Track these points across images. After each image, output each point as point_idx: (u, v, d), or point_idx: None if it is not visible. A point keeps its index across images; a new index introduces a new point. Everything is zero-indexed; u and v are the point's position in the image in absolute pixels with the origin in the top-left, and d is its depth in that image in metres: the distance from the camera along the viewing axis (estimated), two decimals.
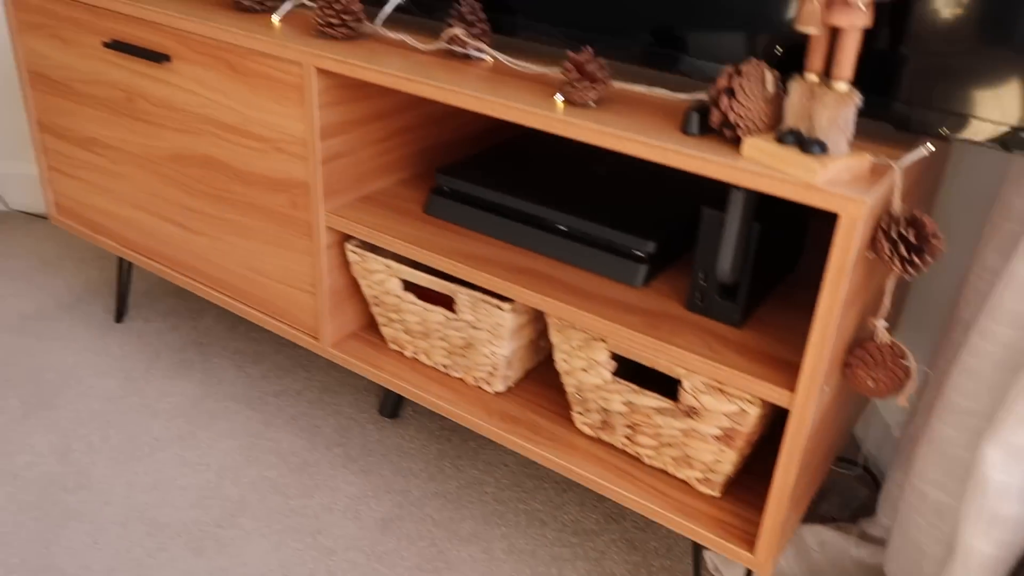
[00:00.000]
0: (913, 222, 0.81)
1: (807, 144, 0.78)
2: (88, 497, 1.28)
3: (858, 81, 0.85)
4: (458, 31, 1.03)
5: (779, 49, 0.92)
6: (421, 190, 1.26)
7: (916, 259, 0.81)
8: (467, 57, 1.06)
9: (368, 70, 1.01)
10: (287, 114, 1.12)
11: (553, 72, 1.00)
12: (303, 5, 1.21)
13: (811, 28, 0.73)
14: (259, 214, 1.23)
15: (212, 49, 1.16)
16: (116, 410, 1.46)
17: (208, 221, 1.31)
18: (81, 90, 1.38)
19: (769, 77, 0.82)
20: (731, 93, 0.82)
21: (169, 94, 1.25)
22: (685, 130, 0.87)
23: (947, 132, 0.86)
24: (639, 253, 1.05)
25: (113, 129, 1.37)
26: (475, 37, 1.04)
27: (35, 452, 1.36)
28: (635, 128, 0.88)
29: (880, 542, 1.23)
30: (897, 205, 0.83)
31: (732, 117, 0.82)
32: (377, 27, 1.12)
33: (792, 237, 1.07)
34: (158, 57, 1.22)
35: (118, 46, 1.26)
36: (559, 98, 0.93)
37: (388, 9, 1.13)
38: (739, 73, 0.82)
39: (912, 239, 0.80)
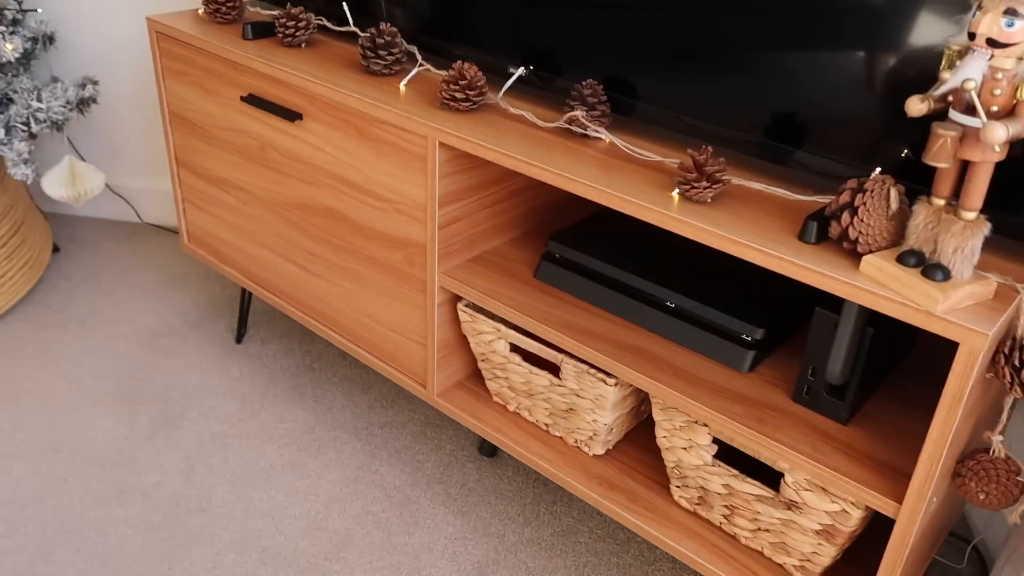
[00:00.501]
0: None
1: (930, 270, 0.78)
2: (209, 521, 1.37)
3: (987, 195, 0.83)
4: (578, 113, 1.05)
5: (906, 153, 0.91)
6: (532, 250, 1.29)
7: None
8: (585, 136, 1.08)
9: (490, 150, 1.05)
10: (409, 180, 1.16)
11: (670, 162, 1.01)
12: (428, 69, 1.25)
13: (943, 163, 0.72)
14: (376, 267, 1.29)
15: (341, 113, 1.21)
16: (235, 433, 1.55)
17: (328, 266, 1.38)
18: (217, 135, 1.47)
19: (893, 194, 0.82)
20: (853, 210, 0.82)
21: (298, 148, 1.31)
22: (802, 238, 0.87)
23: None
24: (747, 339, 1.05)
25: (244, 173, 1.45)
26: (594, 119, 1.06)
27: (163, 472, 1.46)
28: (752, 231, 0.88)
29: None
30: (1021, 330, 0.81)
31: (852, 234, 0.82)
32: (498, 99, 1.15)
33: (905, 332, 1.05)
34: (290, 115, 1.28)
35: (254, 100, 1.34)
36: (675, 194, 0.94)
37: (509, 83, 1.16)
38: (863, 190, 0.82)
39: None
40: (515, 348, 1.22)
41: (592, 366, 1.12)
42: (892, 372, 1.07)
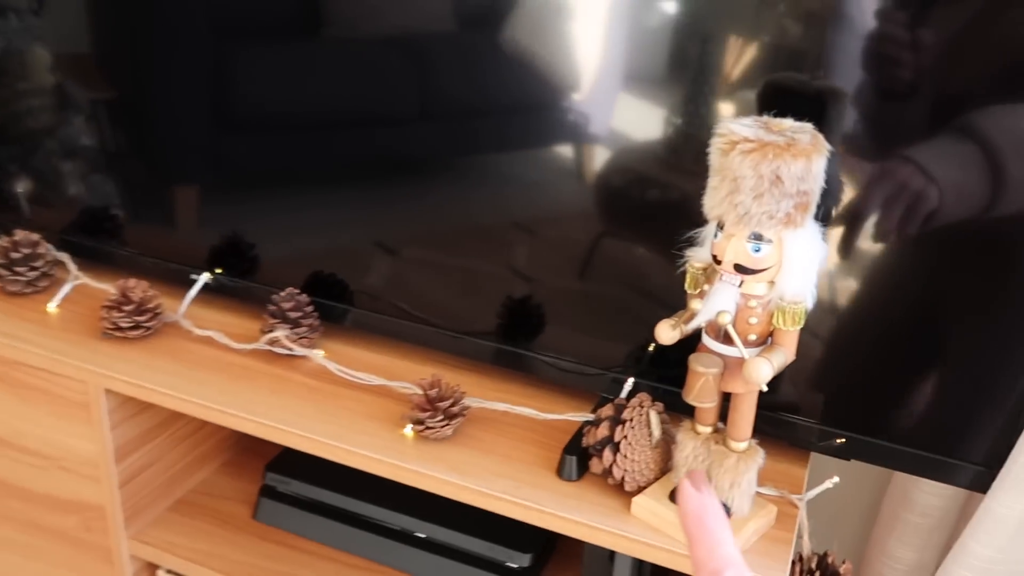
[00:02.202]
0: (824, 569, 0.71)
1: None
2: None
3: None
4: (280, 334, 0.87)
5: (652, 348, 0.82)
6: (248, 478, 1.07)
7: None
8: (293, 355, 0.89)
9: (170, 396, 0.83)
10: (71, 432, 0.91)
11: (399, 386, 0.85)
12: (86, 283, 1.00)
13: (708, 404, 0.62)
14: (46, 535, 1.00)
15: None
16: None
17: None
18: None
19: (655, 420, 0.71)
20: (614, 445, 0.70)
21: None
22: (562, 475, 0.74)
23: (841, 443, 0.78)
24: (514, 567, 0.90)
25: None
26: (301, 337, 0.88)
27: None
28: (504, 474, 0.74)
29: None
30: (806, 546, 0.73)
31: (618, 473, 0.70)
32: (179, 317, 0.94)
33: None
34: None
35: None
36: (408, 432, 0.78)
37: (192, 295, 0.95)
38: (620, 420, 0.70)
39: None
40: None
41: None
42: None
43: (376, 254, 0.92)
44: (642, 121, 0.76)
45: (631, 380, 0.78)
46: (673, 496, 0.69)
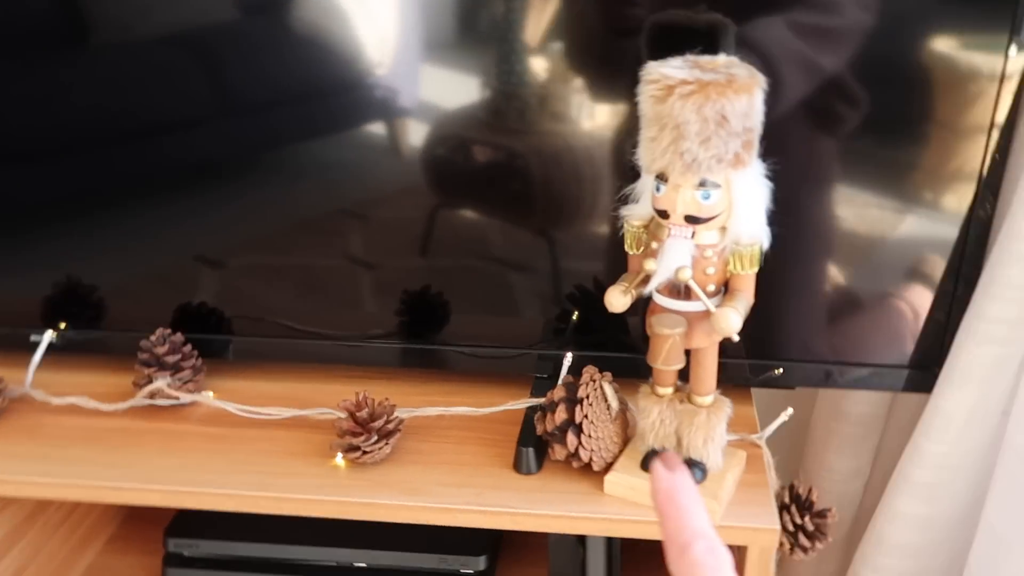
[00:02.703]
0: (799, 501, 0.71)
1: None
2: None
3: None
4: (161, 384, 0.75)
5: (576, 314, 0.78)
6: (141, 552, 0.94)
7: (815, 543, 0.71)
8: (180, 404, 0.78)
9: (45, 485, 0.70)
10: None
11: (317, 414, 0.76)
12: None
13: (677, 365, 0.59)
14: None
15: None
16: None
17: None
18: None
19: (610, 392, 0.67)
20: (576, 428, 0.65)
21: None
22: (520, 470, 0.69)
23: (780, 372, 0.77)
24: (469, 572, 0.85)
25: None
26: (184, 382, 0.77)
27: None
28: (456, 480, 0.68)
29: None
30: (774, 482, 0.72)
31: (585, 456, 0.66)
32: (28, 388, 0.80)
33: None
34: None
35: None
36: (340, 461, 0.70)
37: (35, 361, 0.80)
38: (578, 400, 0.66)
39: (809, 525, 0.70)
40: None
41: None
42: None
43: (221, 268, 0.82)
44: (456, 86, 0.71)
45: (570, 355, 0.73)
46: (644, 465, 0.66)
